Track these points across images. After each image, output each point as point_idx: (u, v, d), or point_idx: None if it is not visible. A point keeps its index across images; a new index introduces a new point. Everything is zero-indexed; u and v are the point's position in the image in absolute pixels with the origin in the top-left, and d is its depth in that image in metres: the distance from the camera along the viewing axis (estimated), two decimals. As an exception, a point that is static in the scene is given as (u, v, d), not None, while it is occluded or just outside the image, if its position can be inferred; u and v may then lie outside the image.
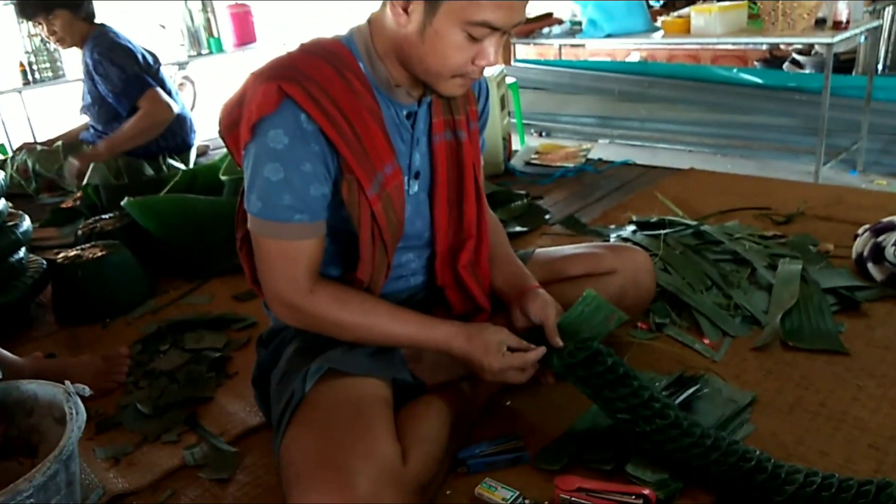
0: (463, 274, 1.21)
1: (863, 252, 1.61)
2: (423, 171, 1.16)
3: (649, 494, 1.05)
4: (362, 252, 1.10)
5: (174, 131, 2.90)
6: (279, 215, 1.03)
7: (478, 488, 1.12)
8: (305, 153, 1.02)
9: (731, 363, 1.39)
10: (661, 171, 2.61)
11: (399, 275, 1.23)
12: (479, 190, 1.22)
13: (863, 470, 1.09)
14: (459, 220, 1.21)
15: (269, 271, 1.08)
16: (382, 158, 1.07)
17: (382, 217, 1.09)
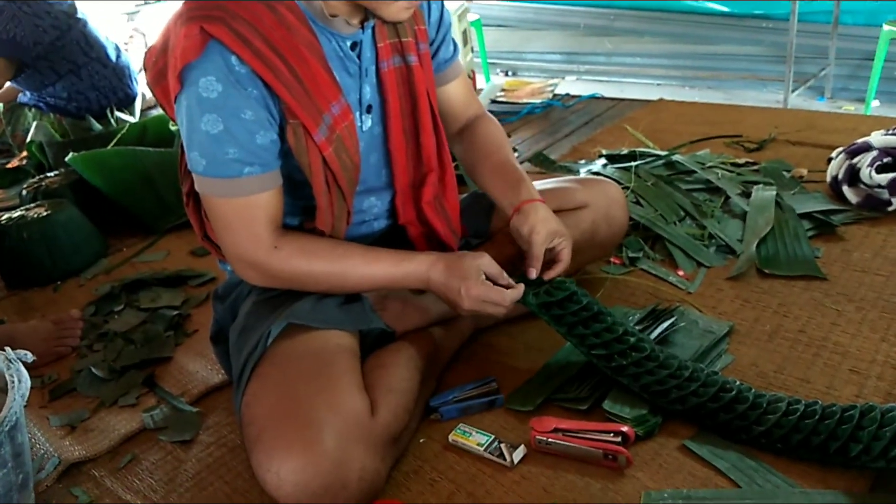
0: (427, 211, 1.14)
1: (837, 175, 1.57)
2: (376, 103, 1.08)
3: (627, 431, 1.02)
4: (318, 201, 1.02)
5: (114, 86, 2.75)
6: (226, 171, 0.95)
7: (452, 435, 1.08)
8: (243, 99, 0.92)
9: (706, 294, 1.36)
10: (629, 103, 2.54)
11: (361, 220, 1.15)
12: (435, 118, 1.13)
13: (845, 395, 1.07)
14: (418, 152, 1.13)
15: (227, 232, 1.00)
16: (328, 97, 0.98)
17: (335, 162, 1.00)
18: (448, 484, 1.01)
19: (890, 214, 1.50)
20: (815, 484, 0.93)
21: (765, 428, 0.98)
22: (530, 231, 1.11)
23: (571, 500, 0.96)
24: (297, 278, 1.02)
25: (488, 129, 1.24)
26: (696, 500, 0.93)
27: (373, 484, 0.92)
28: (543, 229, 1.11)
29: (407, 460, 1.06)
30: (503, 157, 1.20)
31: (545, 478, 1.00)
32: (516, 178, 1.17)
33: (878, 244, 1.42)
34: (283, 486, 0.88)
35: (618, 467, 0.99)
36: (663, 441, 1.03)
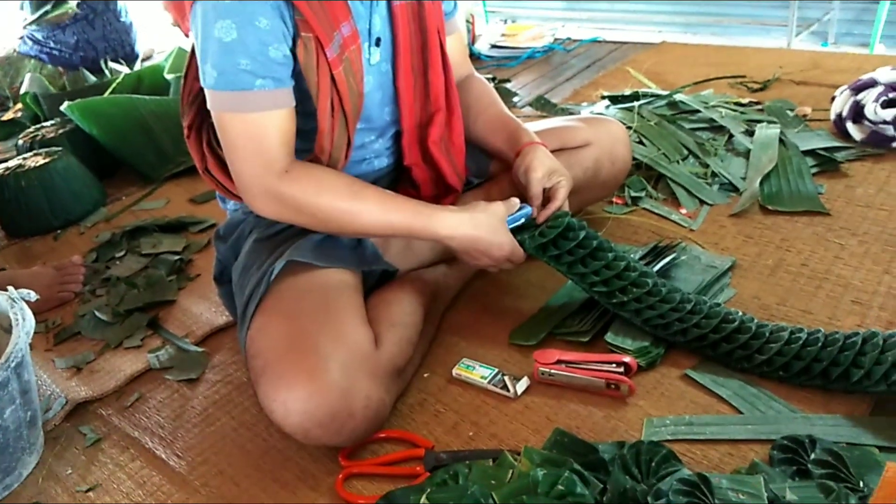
0: (433, 151, 1.13)
1: (842, 112, 1.55)
2: (385, 37, 1.05)
3: (630, 362, 1.03)
4: (321, 124, 0.99)
5: (122, 40, 2.72)
6: (238, 83, 0.91)
7: (456, 369, 1.09)
8: (259, 5, 0.90)
9: (709, 231, 1.35)
10: (632, 46, 2.50)
11: (362, 157, 1.14)
12: (444, 57, 1.11)
13: (846, 325, 1.07)
14: (426, 91, 1.11)
15: (237, 154, 0.96)
16: (338, 16, 0.95)
17: (343, 83, 0.98)
18: (452, 415, 1.02)
19: (894, 150, 1.49)
20: (817, 409, 0.94)
21: (767, 356, 0.98)
22: (527, 169, 1.10)
23: (574, 426, 0.97)
24: (307, 210, 0.97)
25: (480, 87, 1.24)
26: (698, 425, 0.94)
27: (378, 413, 0.93)
28: (540, 167, 1.11)
29: (412, 393, 1.07)
30: (498, 110, 1.21)
31: (548, 407, 1.01)
32: (514, 126, 1.18)
33: (881, 180, 1.41)
34: (290, 415, 0.88)
35: (620, 396, 1.00)
36: (665, 371, 1.04)
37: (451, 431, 1.00)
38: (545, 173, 1.11)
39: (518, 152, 1.14)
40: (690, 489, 0.78)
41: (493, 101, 1.22)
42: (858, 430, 0.89)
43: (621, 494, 0.80)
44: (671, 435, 0.93)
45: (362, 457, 0.97)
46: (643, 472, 0.83)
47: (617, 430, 0.96)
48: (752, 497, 0.77)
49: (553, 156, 1.26)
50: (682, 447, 0.91)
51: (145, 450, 1.06)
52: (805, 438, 0.86)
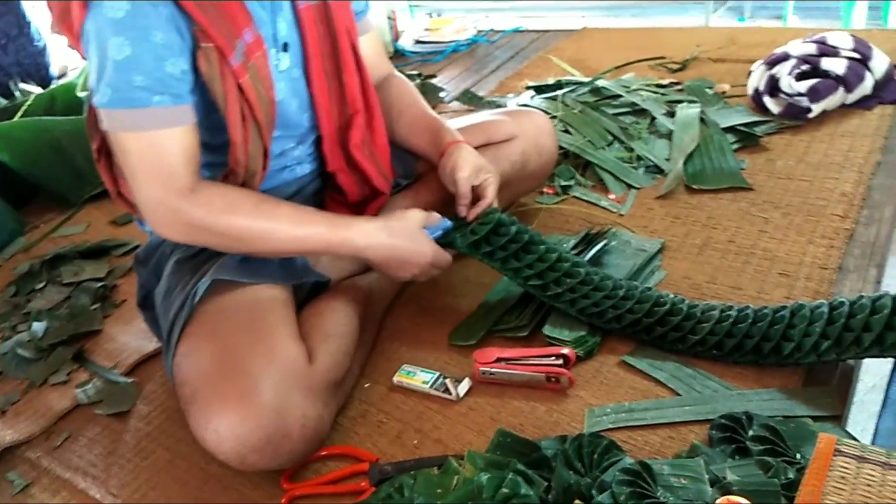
0: (356, 154, 1.10)
1: (758, 87, 1.59)
2: (293, 42, 1.02)
3: (568, 353, 1.03)
4: (232, 134, 0.95)
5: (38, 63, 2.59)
6: (134, 100, 0.87)
7: (396, 376, 1.07)
8: (153, 19, 0.85)
9: (637, 215, 1.37)
10: (554, 34, 2.51)
11: (282, 165, 1.11)
12: (358, 58, 1.09)
13: (775, 298, 1.09)
14: (341, 94, 1.08)
15: (138, 175, 0.91)
16: (239, 23, 0.92)
17: (252, 91, 0.94)
18: (396, 424, 1.01)
19: (811, 121, 1.53)
20: (752, 385, 0.95)
21: (700, 336, 0.99)
22: (453, 169, 1.09)
23: (517, 424, 0.96)
24: (216, 231, 0.93)
25: (400, 86, 1.22)
26: (638, 411, 0.94)
27: (316, 431, 0.91)
28: (466, 165, 1.10)
29: (353, 405, 1.05)
30: (420, 110, 1.20)
31: (491, 407, 1.00)
32: (437, 126, 1.17)
33: (800, 151, 1.45)
34: (224, 442, 0.85)
35: (561, 389, 1.00)
36: (603, 359, 1.05)
37: (395, 441, 0.98)
38: (472, 172, 1.10)
39: (443, 152, 1.13)
40: (633, 478, 0.78)
41: (414, 101, 1.21)
42: (792, 403, 0.90)
43: (566, 490, 0.80)
44: (612, 423, 0.93)
45: (305, 477, 0.94)
46: (586, 465, 0.83)
47: (560, 423, 0.96)
48: (693, 481, 0.78)
49: (478, 153, 1.26)
50: (624, 434, 0.92)
51: (78, 491, 1.01)
52: (742, 415, 0.87)
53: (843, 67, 1.51)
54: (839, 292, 1.07)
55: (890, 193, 1.28)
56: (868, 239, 1.18)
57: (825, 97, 1.50)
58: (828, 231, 1.20)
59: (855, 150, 1.41)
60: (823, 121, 1.52)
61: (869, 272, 1.11)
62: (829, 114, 1.54)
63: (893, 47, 1.77)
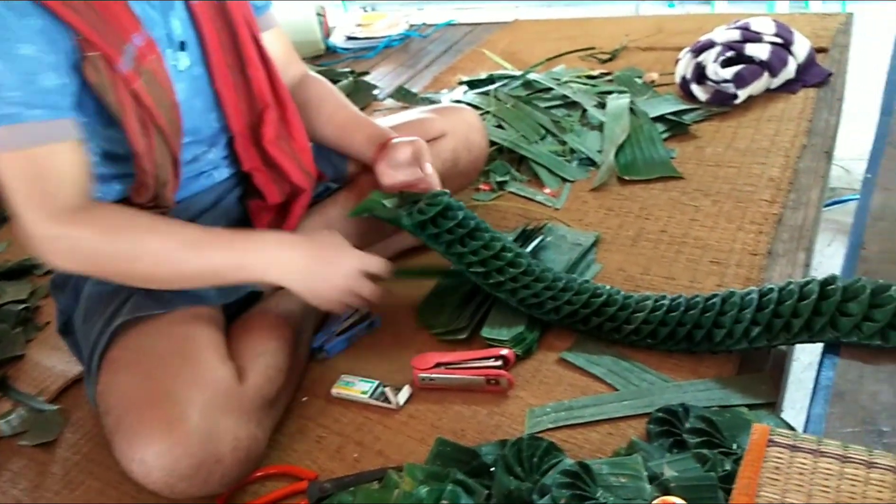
0: (272, 151, 1.06)
1: (685, 75, 1.61)
2: (190, 39, 0.98)
3: (507, 354, 1.02)
4: (134, 144, 0.90)
5: None
6: (6, 116, 0.81)
7: (334, 388, 1.05)
8: (19, 31, 0.80)
9: (572, 208, 1.37)
10: (486, 26, 2.50)
11: (197, 171, 1.07)
12: (262, 50, 1.05)
13: (707, 286, 1.11)
14: (248, 89, 1.05)
15: (17, 196, 0.84)
16: (126, 28, 0.87)
17: (148, 97, 0.90)
18: (335, 437, 0.98)
19: (738, 107, 1.55)
20: (688, 375, 0.96)
21: (634, 325, 1.00)
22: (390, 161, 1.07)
23: (459, 430, 0.95)
24: (102, 257, 0.87)
25: (322, 88, 1.19)
26: (578, 409, 0.94)
27: (250, 452, 0.88)
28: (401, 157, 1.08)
29: (290, 421, 1.02)
30: (351, 112, 1.17)
31: (432, 413, 0.99)
32: (370, 126, 1.15)
33: (728, 137, 1.47)
34: (151, 472, 0.82)
35: (501, 390, 0.99)
36: (542, 357, 1.04)
37: (334, 456, 0.95)
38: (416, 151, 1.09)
39: (383, 146, 1.11)
40: (572, 480, 0.77)
41: (342, 104, 1.18)
42: (727, 392, 0.91)
43: (507, 497, 0.79)
44: (552, 423, 0.93)
45: (242, 500, 0.91)
46: (527, 470, 0.82)
47: (501, 426, 0.95)
48: (632, 479, 0.78)
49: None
50: (565, 434, 0.91)
51: (2, 530, 0.96)
52: (679, 408, 0.88)
53: (767, 52, 1.54)
54: (769, 278, 1.09)
55: (816, 176, 1.31)
56: (796, 223, 1.20)
57: (751, 83, 1.52)
58: (756, 217, 1.22)
59: (781, 135, 1.44)
60: (750, 106, 1.55)
61: (798, 256, 1.13)
62: (756, 99, 1.56)
63: (814, 31, 1.82)
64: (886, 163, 1.20)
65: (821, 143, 1.39)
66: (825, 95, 1.55)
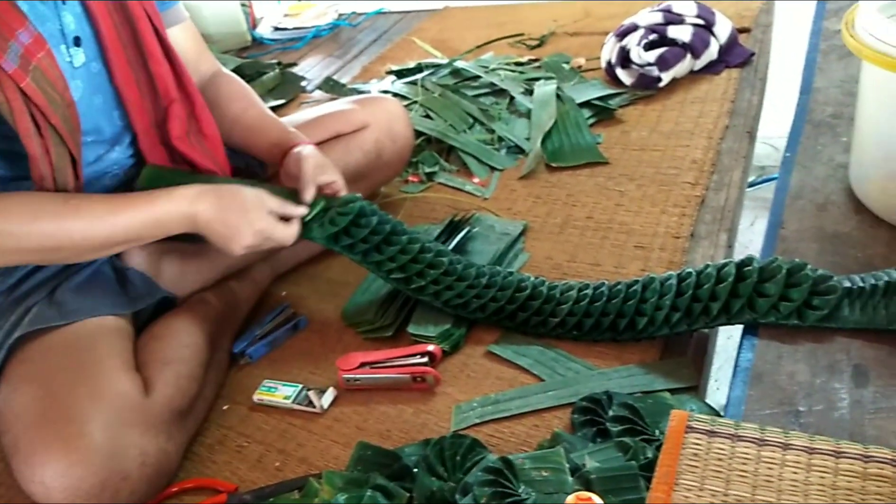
0: (181, 148, 1.02)
1: (611, 59, 1.60)
2: (85, 35, 0.93)
3: (434, 350, 1.00)
4: (28, 147, 0.86)
5: None
6: None
7: (256, 394, 1.01)
8: None
9: (501, 197, 1.35)
10: (416, 14, 2.46)
11: (102, 171, 1.01)
12: (164, 43, 1.00)
13: (631, 271, 1.10)
14: (151, 84, 1.00)
15: None
16: (10, 24, 0.83)
17: (39, 95, 0.85)
18: (257, 446, 0.95)
19: (662, 91, 1.55)
20: (612, 362, 0.95)
21: (560, 318, 0.99)
22: (297, 163, 1.03)
23: (385, 430, 0.93)
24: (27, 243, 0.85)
25: (234, 86, 1.15)
26: (504, 402, 0.93)
27: (160, 467, 0.84)
28: (310, 160, 1.04)
29: (210, 431, 0.98)
30: (259, 112, 1.13)
31: (358, 415, 0.96)
32: (278, 128, 1.11)
33: (653, 121, 1.47)
34: (52, 493, 0.77)
35: (428, 388, 0.97)
36: (470, 351, 1.02)
37: (256, 466, 0.92)
38: (316, 167, 1.05)
39: (286, 153, 1.06)
40: (494, 477, 0.76)
41: (252, 103, 1.14)
42: (651, 377, 0.91)
43: (429, 498, 0.77)
44: (479, 417, 0.91)
45: (157, 517, 0.87)
46: (449, 469, 0.80)
47: (428, 424, 0.93)
48: (554, 472, 0.77)
49: (330, 144, 1.22)
50: (491, 428, 0.90)
51: None
52: (603, 395, 0.87)
53: (689, 34, 1.54)
54: (692, 260, 1.10)
55: (738, 156, 1.32)
56: (718, 204, 1.21)
57: (674, 65, 1.53)
58: (680, 199, 1.22)
59: (705, 116, 1.44)
60: (674, 89, 1.55)
61: (720, 237, 1.14)
62: (680, 81, 1.57)
63: (737, 11, 1.83)
64: (805, 141, 1.22)
65: (743, 124, 1.40)
66: (748, 76, 1.57)
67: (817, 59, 1.45)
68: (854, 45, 0.96)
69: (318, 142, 1.20)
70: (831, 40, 1.48)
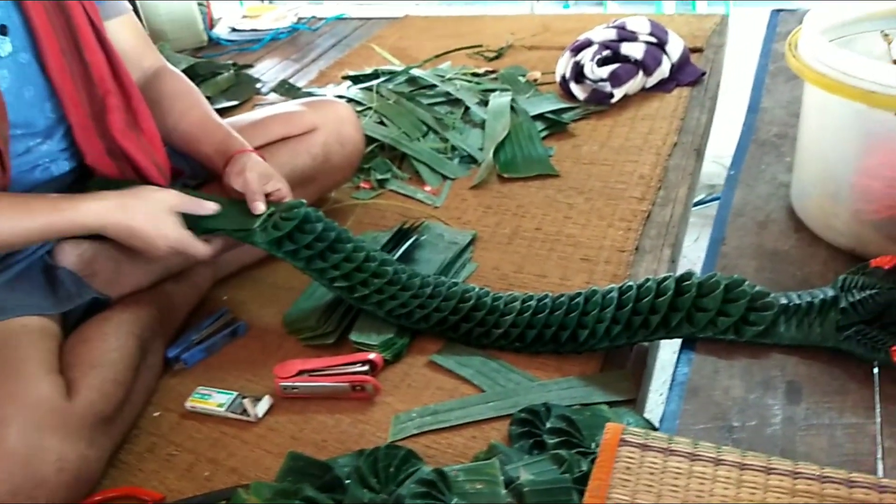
0: (122, 142, 0.99)
1: (565, 73, 1.61)
2: (13, 23, 0.90)
3: (375, 359, 0.98)
4: None
5: None
6: None
7: (189, 401, 0.98)
8: None
9: (452, 206, 1.35)
10: (376, 21, 2.45)
11: (32, 164, 0.98)
12: (98, 32, 0.98)
13: (577, 283, 1.10)
14: (87, 74, 0.97)
15: None
16: None
17: None
18: (187, 455, 0.92)
19: (614, 106, 1.57)
20: (553, 374, 0.95)
21: (503, 329, 0.98)
22: (241, 172, 1.01)
23: (321, 440, 0.91)
24: None
25: (178, 84, 1.12)
26: (443, 412, 0.91)
27: (80, 474, 0.80)
28: (255, 170, 1.02)
29: (139, 439, 0.95)
30: (203, 113, 1.11)
31: (293, 425, 0.94)
32: (223, 133, 1.08)
33: (604, 136, 1.48)
34: (-37, 501, 0.73)
35: (367, 397, 0.95)
36: (412, 360, 1.01)
37: (185, 475, 0.89)
38: (260, 176, 1.03)
39: (228, 160, 1.04)
40: (427, 489, 0.74)
41: (196, 103, 1.11)
42: (590, 389, 0.91)
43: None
44: (417, 428, 0.90)
45: (77, 527, 0.83)
46: (382, 480, 0.78)
47: (365, 434, 0.91)
48: (488, 485, 0.75)
49: (277, 147, 1.20)
50: (429, 439, 0.88)
51: None
52: (541, 407, 0.86)
53: (642, 52, 1.56)
54: (636, 274, 1.10)
55: (684, 173, 1.34)
56: (664, 219, 1.22)
57: (626, 81, 1.54)
58: (626, 214, 1.23)
59: (654, 133, 1.46)
60: (626, 105, 1.57)
61: (664, 252, 1.14)
62: (631, 98, 1.59)
63: (691, 31, 1.87)
64: (750, 160, 1.24)
65: (691, 141, 1.42)
66: (698, 94, 1.59)
67: (765, 80, 1.48)
68: (797, 66, 0.98)
69: (265, 144, 1.18)
70: (780, 62, 1.51)
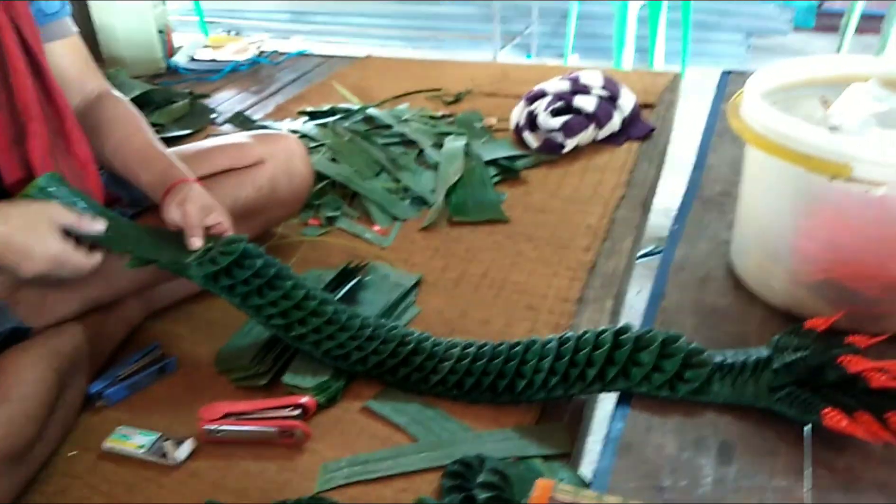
0: (43, 170, 0.95)
1: (519, 121, 1.63)
2: None
3: (307, 402, 0.95)
4: None
5: None
6: None
7: (107, 441, 0.93)
8: None
9: (400, 247, 1.33)
10: (338, 59, 2.46)
11: None
12: (33, 56, 0.95)
13: (520, 331, 1.09)
14: (10, 100, 0.94)
15: None
16: None
17: None
18: (101, 498, 0.87)
19: (566, 156, 1.59)
20: (489, 424, 0.93)
21: (441, 375, 0.96)
22: (181, 203, 0.99)
23: (243, 489, 0.87)
24: None
25: (117, 110, 1.10)
26: (373, 462, 0.88)
27: (-21, 518, 0.75)
28: (195, 202, 1.00)
29: (51, 479, 0.89)
30: (145, 140, 1.08)
31: (216, 471, 0.89)
32: (165, 162, 1.06)
33: (554, 185, 1.50)
34: None
35: (296, 443, 0.92)
36: (347, 405, 0.98)
37: (95, 520, 0.84)
38: (201, 209, 1.00)
39: (168, 189, 1.01)
40: (349, 545, 0.71)
41: (138, 129, 1.08)
42: (525, 442, 0.89)
43: (276, 566, 0.71)
44: (345, 479, 0.86)
45: (-30, 576, 0.77)
46: (303, 534, 0.75)
47: (291, 483, 0.87)
48: (412, 540, 0.72)
49: (222, 178, 1.18)
50: (358, 490, 0.85)
51: None
52: (475, 460, 0.84)
53: (594, 105, 1.59)
54: (578, 324, 1.10)
55: (630, 226, 1.35)
56: (608, 270, 1.22)
57: (578, 133, 1.56)
58: (572, 263, 1.23)
59: (603, 184, 1.48)
60: (577, 156, 1.59)
61: (606, 303, 1.14)
62: (583, 149, 1.61)
63: (644, 87, 1.91)
64: (693, 216, 1.26)
65: (638, 195, 1.44)
66: (647, 149, 1.62)
67: (712, 139, 1.51)
68: (738, 127, 1.01)
69: (209, 174, 1.16)
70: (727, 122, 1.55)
